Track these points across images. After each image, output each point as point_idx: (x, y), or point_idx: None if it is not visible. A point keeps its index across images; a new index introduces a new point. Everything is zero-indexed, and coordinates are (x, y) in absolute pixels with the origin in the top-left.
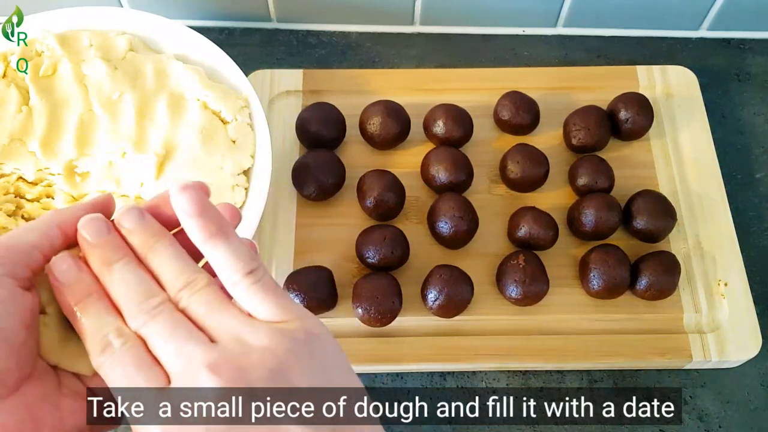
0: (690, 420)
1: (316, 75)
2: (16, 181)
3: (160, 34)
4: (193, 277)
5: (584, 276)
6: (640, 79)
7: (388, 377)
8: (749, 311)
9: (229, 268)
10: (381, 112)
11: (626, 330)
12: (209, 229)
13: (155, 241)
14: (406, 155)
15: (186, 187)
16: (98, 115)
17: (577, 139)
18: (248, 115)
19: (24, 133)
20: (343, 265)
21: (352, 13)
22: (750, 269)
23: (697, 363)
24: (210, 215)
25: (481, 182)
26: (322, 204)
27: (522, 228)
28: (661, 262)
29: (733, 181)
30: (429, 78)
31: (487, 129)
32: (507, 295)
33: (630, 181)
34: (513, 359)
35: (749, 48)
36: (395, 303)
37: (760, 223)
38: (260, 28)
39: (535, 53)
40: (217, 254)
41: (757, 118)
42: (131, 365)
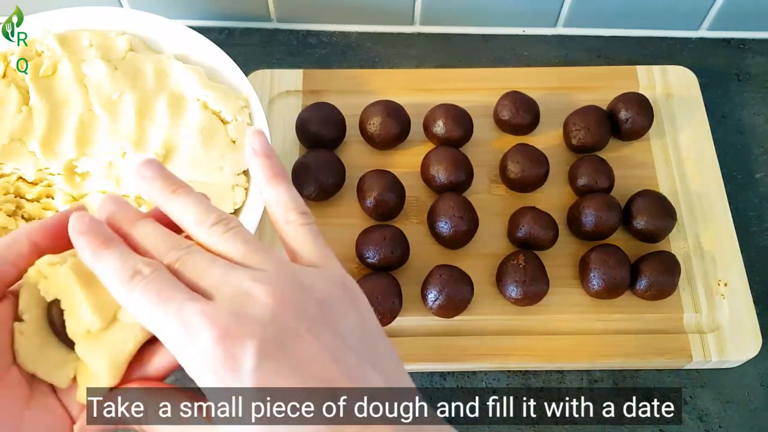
0: (690, 420)
1: (316, 75)
2: (16, 181)
3: (160, 34)
4: (224, 216)
5: (584, 276)
6: (640, 79)
7: None
8: (749, 311)
9: (286, 206)
10: (381, 112)
11: (626, 330)
12: (273, 169)
13: (178, 186)
14: (406, 155)
15: (259, 132)
16: (98, 115)
17: (577, 139)
18: (248, 115)
19: (24, 133)
20: (343, 265)
21: (352, 13)
22: (750, 269)
23: (697, 363)
24: (275, 159)
25: (481, 182)
26: (322, 204)
27: (522, 228)
28: (661, 262)
29: (733, 181)
30: (429, 78)
31: (487, 129)
32: (507, 295)
33: (630, 181)
34: (513, 359)
35: (749, 48)
36: (395, 303)
37: (760, 223)
38: (260, 28)
39: (535, 53)
40: (278, 191)
41: (757, 118)
42: (167, 285)
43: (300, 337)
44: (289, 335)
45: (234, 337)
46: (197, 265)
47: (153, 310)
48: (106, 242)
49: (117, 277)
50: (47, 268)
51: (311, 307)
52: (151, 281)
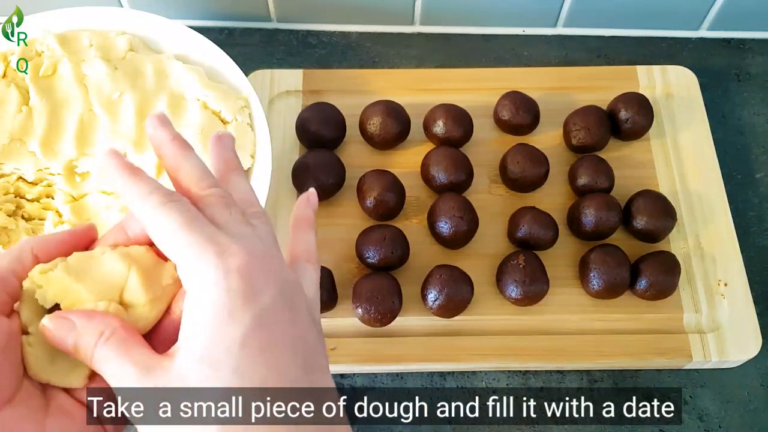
0: (690, 420)
1: (316, 75)
2: (16, 181)
3: (160, 34)
4: (259, 207)
5: (584, 276)
6: (640, 79)
7: (388, 377)
8: (749, 311)
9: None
10: (381, 112)
11: (626, 330)
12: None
13: (239, 165)
14: (406, 155)
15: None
16: (98, 115)
17: (577, 139)
18: (248, 115)
19: (24, 133)
20: (343, 265)
21: (352, 13)
22: (750, 269)
23: (697, 363)
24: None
25: (481, 182)
26: (322, 204)
27: (522, 228)
28: (661, 262)
29: (733, 181)
30: (429, 78)
31: (487, 129)
32: (507, 295)
33: (630, 181)
34: (513, 359)
35: (749, 48)
36: (395, 303)
37: (760, 223)
38: (260, 28)
39: (535, 53)
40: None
41: (757, 118)
42: (197, 216)
43: (302, 319)
44: (298, 311)
45: (263, 271)
46: (234, 213)
47: (185, 224)
48: (135, 168)
49: (149, 191)
50: (40, 277)
51: (308, 315)
52: (185, 206)
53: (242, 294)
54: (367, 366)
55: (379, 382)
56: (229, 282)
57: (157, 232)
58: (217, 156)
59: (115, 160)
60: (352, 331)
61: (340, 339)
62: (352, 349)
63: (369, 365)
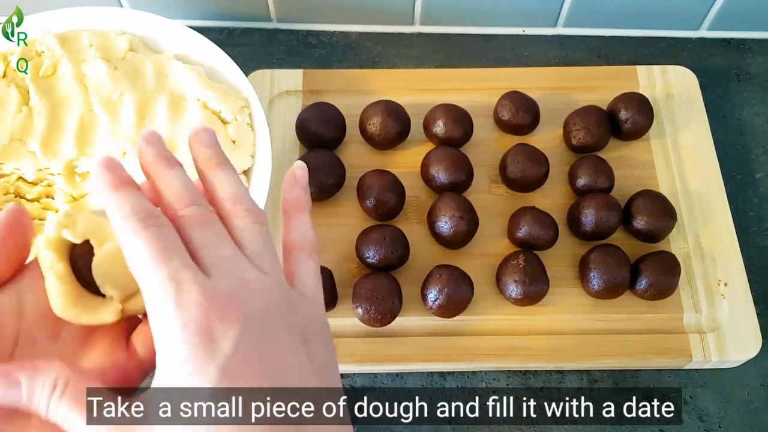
0: (690, 420)
1: (316, 75)
2: (16, 181)
3: (160, 34)
4: (257, 207)
5: (584, 276)
6: (640, 79)
7: (388, 377)
8: (749, 311)
9: (304, 236)
10: (381, 112)
11: (626, 330)
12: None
13: (226, 161)
14: (406, 155)
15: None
16: (98, 115)
17: (577, 139)
18: (248, 115)
19: (24, 133)
20: (343, 265)
21: (352, 13)
22: (750, 269)
23: (697, 363)
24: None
25: (481, 182)
26: (322, 204)
27: (522, 228)
28: (661, 262)
29: (733, 181)
30: (429, 78)
31: (487, 129)
32: (507, 295)
33: (630, 181)
34: (513, 359)
35: (749, 48)
36: (395, 303)
37: (760, 223)
38: (260, 28)
39: (535, 53)
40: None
41: (757, 118)
42: (174, 243)
43: (279, 348)
44: (271, 340)
45: (221, 315)
46: (212, 233)
47: (152, 257)
48: (124, 183)
49: (128, 213)
50: (66, 218)
51: (295, 330)
52: (162, 232)
53: (201, 346)
54: (367, 366)
55: (379, 382)
56: (186, 335)
57: (128, 259)
58: (196, 154)
59: (105, 174)
60: (352, 331)
61: (340, 339)
62: (352, 349)
63: (369, 365)
